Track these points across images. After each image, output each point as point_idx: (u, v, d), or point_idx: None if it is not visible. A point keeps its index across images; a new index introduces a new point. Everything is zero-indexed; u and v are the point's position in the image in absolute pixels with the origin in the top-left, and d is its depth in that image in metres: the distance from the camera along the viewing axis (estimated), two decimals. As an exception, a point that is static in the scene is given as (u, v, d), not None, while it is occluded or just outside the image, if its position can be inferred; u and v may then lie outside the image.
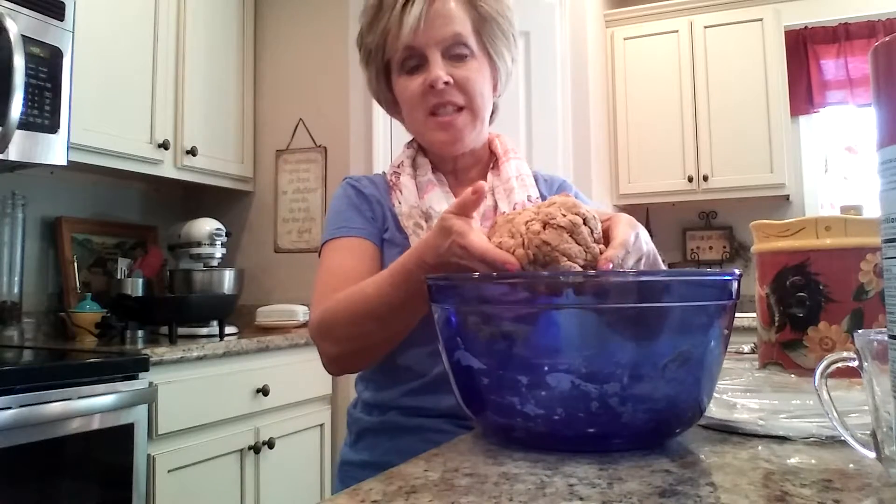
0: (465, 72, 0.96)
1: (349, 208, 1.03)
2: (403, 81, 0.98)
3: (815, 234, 0.80)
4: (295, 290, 2.70)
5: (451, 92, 0.95)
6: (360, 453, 1.00)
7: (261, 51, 2.88)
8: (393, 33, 0.95)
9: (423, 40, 0.95)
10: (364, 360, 0.94)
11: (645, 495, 0.44)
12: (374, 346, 0.89)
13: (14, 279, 2.17)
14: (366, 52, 1.02)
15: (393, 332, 0.86)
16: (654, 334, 0.55)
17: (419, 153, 1.07)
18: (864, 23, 3.16)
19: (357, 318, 0.85)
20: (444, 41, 0.95)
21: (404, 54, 0.96)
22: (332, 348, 0.91)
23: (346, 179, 1.09)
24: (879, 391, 0.44)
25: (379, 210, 1.03)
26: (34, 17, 1.86)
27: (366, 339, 0.87)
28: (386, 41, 0.97)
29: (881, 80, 0.43)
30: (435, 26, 0.94)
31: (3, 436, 1.44)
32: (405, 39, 0.94)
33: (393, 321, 0.84)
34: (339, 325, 0.87)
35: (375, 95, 1.07)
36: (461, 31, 0.96)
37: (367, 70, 1.04)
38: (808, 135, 3.34)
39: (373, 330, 0.85)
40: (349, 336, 0.87)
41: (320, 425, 2.47)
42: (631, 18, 3.32)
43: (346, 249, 0.99)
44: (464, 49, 0.97)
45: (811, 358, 0.79)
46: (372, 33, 0.99)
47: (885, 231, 0.42)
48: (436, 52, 0.95)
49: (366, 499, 0.45)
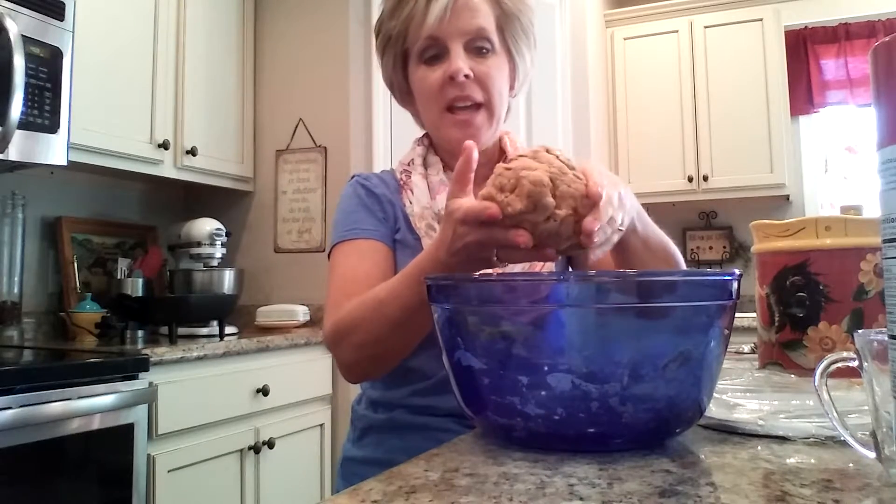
0: (486, 67, 0.95)
1: (360, 208, 1.00)
2: (422, 72, 0.96)
3: (815, 234, 0.80)
4: (295, 290, 2.70)
5: (470, 86, 0.94)
6: (364, 450, 0.99)
7: (261, 51, 2.88)
8: (417, 21, 0.94)
9: (447, 31, 0.93)
10: (382, 366, 0.91)
11: (645, 495, 0.44)
12: (392, 350, 0.87)
13: (14, 279, 2.17)
14: (385, 38, 1.00)
15: (410, 335, 0.84)
16: (655, 334, 0.55)
17: (430, 151, 1.05)
18: (864, 23, 3.16)
19: (372, 324, 0.83)
20: (468, 34, 0.94)
21: (425, 44, 0.94)
22: (348, 356, 0.88)
23: (354, 177, 1.07)
24: (879, 391, 0.44)
25: (390, 210, 1.00)
26: (34, 17, 1.86)
27: (382, 344, 0.85)
28: (408, 29, 0.95)
29: (881, 80, 0.43)
30: (461, 18, 0.93)
31: (3, 436, 1.44)
32: (429, 29, 0.93)
33: (409, 325, 0.81)
34: (354, 332, 0.85)
35: (389, 83, 1.05)
36: (486, 25, 0.95)
37: (383, 56, 1.02)
38: (808, 135, 3.34)
39: (389, 335, 0.83)
40: (364, 342, 0.85)
41: (320, 425, 2.48)
42: (631, 18, 3.32)
43: (359, 252, 0.96)
44: (486, 44, 0.95)
45: (811, 358, 0.79)
46: (394, 19, 0.97)
47: (885, 231, 0.42)
48: (458, 44, 0.93)
49: (366, 499, 0.45)
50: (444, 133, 0.98)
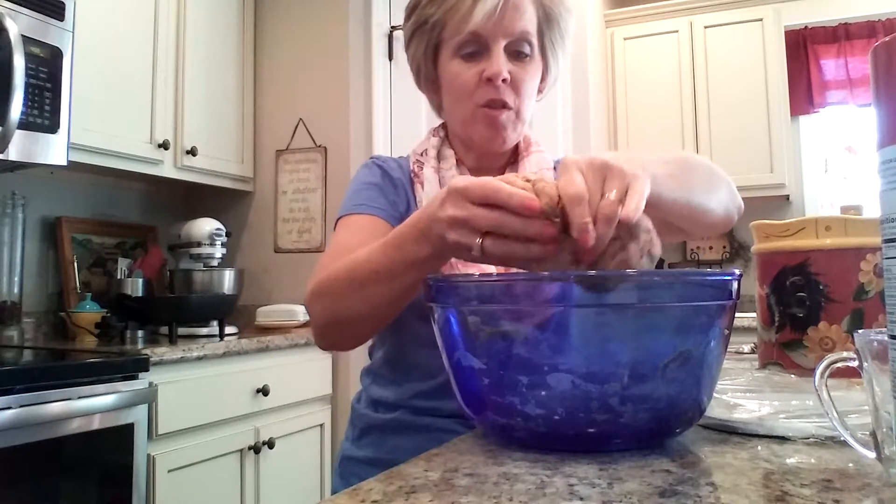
0: (523, 73, 0.93)
1: (372, 187, 0.99)
2: (457, 66, 0.94)
3: (815, 234, 0.80)
4: (295, 290, 2.70)
5: (505, 90, 0.92)
6: (364, 449, 0.98)
7: (261, 51, 2.88)
8: (461, 15, 0.91)
9: (492, 30, 0.91)
10: (347, 335, 0.85)
11: (645, 495, 0.44)
12: (359, 317, 0.80)
13: (14, 279, 2.17)
14: (419, 22, 0.96)
15: (374, 301, 0.76)
16: (655, 334, 0.55)
17: (445, 143, 1.03)
18: (864, 23, 3.16)
19: (341, 283, 0.79)
20: (512, 35, 0.92)
21: (466, 38, 0.92)
22: (317, 317, 0.84)
23: (372, 158, 1.05)
24: (879, 391, 0.44)
25: (403, 196, 0.99)
26: (34, 17, 1.86)
27: (346, 307, 0.79)
28: (450, 19, 0.93)
29: (881, 80, 0.43)
30: (507, 18, 0.91)
31: (3, 436, 1.44)
32: (475, 25, 0.90)
33: (374, 289, 0.75)
34: (324, 293, 0.82)
35: (416, 69, 1.02)
36: (529, 28, 0.93)
37: (413, 40, 0.99)
38: (808, 135, 3.34)
39: (354, 294, 0.77)
40: (331, 305, 0.81)
41: (320, 425, 2.48)
42: (631, 18, 3.32)
43: (361, 226, 0.94)
44: (526, 48, 0.94)
45: (811, 358, 0.79)
46: (435, 6, 0.94)
47: (885, 231, 0.42)
48: (500, 45, 0.92)
49: (366, 499, 0.45)
50: (472, 128, 0.96)
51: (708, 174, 0.86)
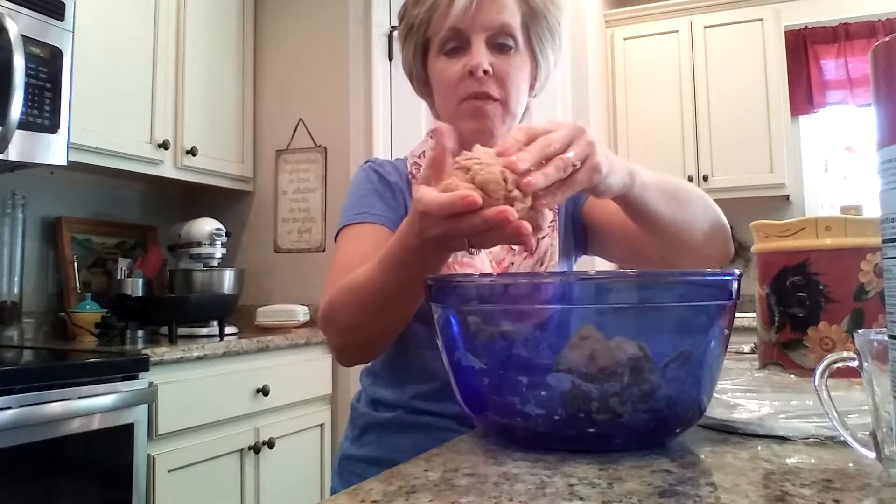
0: (507, 65, 0.93)
1: (371, 193, 0.99)
2: (441, 63, 0.95)
3: (815, 234, 0.80)
4: (295, 290, 2.70)
5: (488, 82, 0.92)
6: (364, 448, 0.98)
7: (261, 51, 2.88)
8: (441, 11, 0.92)
9: (470, 24, 0.91)
10: (369, 350, 0.90)
11: (645, 495, 0.44)
12: (376, 335, 0.85)
13: (14, 279, 2.17)
14: (408, 26, 0.98)
15: (389, 319, 0.81)
16: (655, 334, 0.55)
17: None
18: (864, 23, 3.16)
19: (351, 309, 0.81)
20: (492, 28, 0.92)
21: (448, 35, 0.93)
22: (335, 339, 0.87)
23: (368, 162, 1.06)
24: (879, 391, 0.44)
25: (401, 199, 1.00)
26: (34, 17, 1.86)
27: (364, 329, 0.83)
28: (432, 17, 0.94)
29: (881, 80, 0.43)
30: (485, 11, 0.91)
31: (3, 436, 1.44)
32: (453, 20, 0.91)
33: (387, 309, 0.79)
34: (337, 316, 0.84)
35: (409, 72, 1.04)
36: (511, 22, 0.93)
37: (405, 44, 1.01)
38: (808, 135, 3.34)
39: (369, 320, 0.81)
40: (347, 327, 0.83)
41: (320, 425, 2.48)
42: (631, 18, 3.32)
43: (365, 237, 0.95)
44: (509, 41, 0.93)
45: (811, 358, 0.79)
46: (419, 7, 0.95)
47: (885, 231, 0.42)
48: (480, 39, 0.92)
49: (366, 499, 0.45)
50: (460, 125, 0.96)
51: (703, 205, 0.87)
